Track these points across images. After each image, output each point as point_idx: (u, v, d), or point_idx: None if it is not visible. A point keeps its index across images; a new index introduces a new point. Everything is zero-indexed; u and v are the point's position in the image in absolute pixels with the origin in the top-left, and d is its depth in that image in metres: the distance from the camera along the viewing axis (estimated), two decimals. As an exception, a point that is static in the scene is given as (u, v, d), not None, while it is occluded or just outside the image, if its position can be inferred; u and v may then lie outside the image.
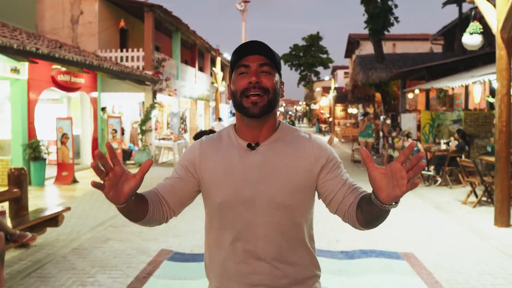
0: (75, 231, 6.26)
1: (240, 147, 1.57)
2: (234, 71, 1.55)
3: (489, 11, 6.77)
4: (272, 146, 1.57)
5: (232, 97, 1.56)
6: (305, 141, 1.60)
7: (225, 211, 1.55)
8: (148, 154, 14.16)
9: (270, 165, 1.53)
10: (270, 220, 1.52)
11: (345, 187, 1.55)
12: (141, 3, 15.71)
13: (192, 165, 1.62)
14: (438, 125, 13.35)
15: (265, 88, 1.50)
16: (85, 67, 10.97)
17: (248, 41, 1.56)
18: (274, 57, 1.54)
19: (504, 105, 6.57)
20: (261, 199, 1.51)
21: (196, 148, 1.65)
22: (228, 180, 1.54)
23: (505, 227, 6.53)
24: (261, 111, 1.50)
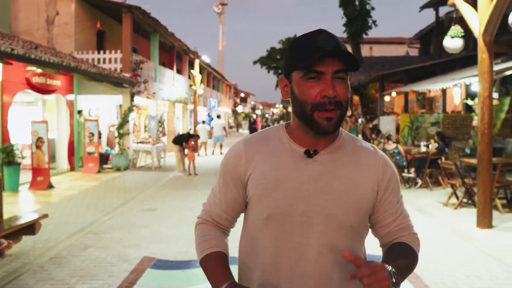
0: (52, 239, 6.03)
1: (295, 153, 1.35)
2: (301, 71, 1.28)
3: (470, 14, 6.82)
4: (333, 155, 1.35)
5: (297, 105, 1.31)
6: (369, 154, 1.39)
7: (271, 227, 1.34)
8: (126, 158, 13.90)
9: (331, 177, 1.32)
10: (326, 241, 1.30)
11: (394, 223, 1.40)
12: (119, 4, 15.46)
13: (238, 175, 1.40)
14: (416, 127, 13.48)
15: (339, 102, 1.26)
16: (61, 69, 10.68)
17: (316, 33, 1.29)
18: (352, 58, 1.26)
19: (486, 108, 6.61)
20: (318, 216, 1.30)
21: (241, 151, 1.40)
22: (279, 190, 1.32)
23: (488, 228, 6.57)
24: (335, 127, 1.28)
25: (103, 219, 7.26)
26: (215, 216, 1.46)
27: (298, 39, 1.31)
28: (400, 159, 10.68)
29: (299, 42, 1.30)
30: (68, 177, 11.94)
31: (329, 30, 1.31)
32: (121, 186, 10.80)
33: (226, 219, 1.45)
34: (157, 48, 18.58)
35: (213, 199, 1.47)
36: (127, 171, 13.54)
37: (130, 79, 14.58)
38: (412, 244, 1.40)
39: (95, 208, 8.12)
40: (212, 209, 1.46)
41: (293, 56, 1.30)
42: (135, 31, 16.84)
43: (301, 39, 1.30)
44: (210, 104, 33.57)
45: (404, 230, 1.42)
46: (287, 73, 1.34)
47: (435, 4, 17.04)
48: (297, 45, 1.30)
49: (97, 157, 13.02)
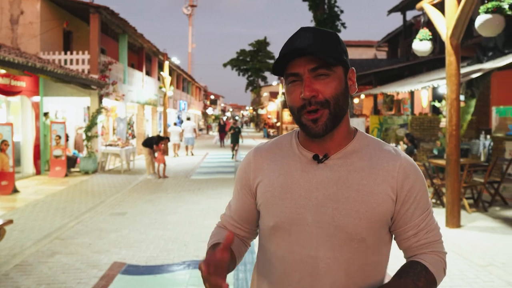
0: (17, 246, 5.82)
1: (304, 158, 1.27)
2: (284, 78, 1.25)
3: (438, 18, 6.96)
4: (345, 160, 1.24)
5: (289, 110, 1.26)
6: (389, 157, 1.25)
7: (278, 237, 1.25)
8: (94, 161, 13.61)
9: (342, 184, 1.21)
10: (337, 256, 1.19)
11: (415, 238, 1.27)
12: (87, 4, 15.15)
13: (247, 184, 1.36)
14: (385, 129, 13.69)
15: (323, 101, 1.18)
16: (27, 70, 10.37)
17: (294, 34, 1.22)
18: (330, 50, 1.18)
19: (454, 110, 6.75)
20: (327, 227, 1.19)
21: (250, 160, 1.37)
22: (286, 198, 1.23)
23: (456, 227, 6.70)
24: (324, 129, 1.19)
25: (71, 224, 7.06)
26: (227, 224, 1.46)
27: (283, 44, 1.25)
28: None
29: (282, 48, 1.24)
30: (34, 181, 11.60)
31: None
32: (90, 190, 10.55)
33: (238, 228, 1.43)
34: (126, 49, 18.30)
35: (228, 209, 1.48)
36: (96, 175, 13.26)
37: (98, 81, 14.30)
38: (429, 264, 1.25)
39: (63, 213, 7.90)
40: (225, 218, 1.47)
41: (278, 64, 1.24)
42: (103, 32, 16.55)
43: (284, 44, 1.24)
44: (180, 106, 33.30)
45: (427, 247, 1.28)
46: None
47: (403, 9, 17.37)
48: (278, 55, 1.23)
49: (65, 161, 12.70)
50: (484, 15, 6.09)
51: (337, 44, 1.21)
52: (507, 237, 6.19)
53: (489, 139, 10.93)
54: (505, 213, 7.64)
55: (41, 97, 13.11)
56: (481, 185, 7.98)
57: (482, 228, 6.71)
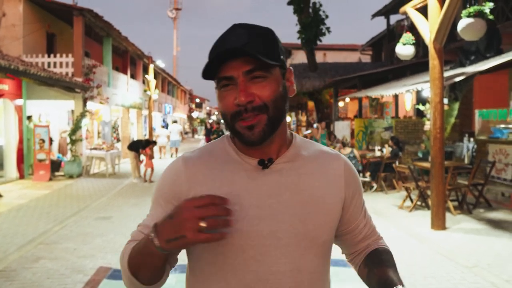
0: (1, 251, 5.73)
1: (247, 165, 1.13)
2: (216, 82, 1.10)
3: (421, 23, 7.04)
4: (292, 163, 1.16)
5: (222, 118, 1.13)
6: (333, 159, 1.22)
7: (228, 256, 1.09)
8: (79, 165, 13.47)
9: (295, 189, 1.12)
10: (299, 265, 1.10)
11: (366, 227, 1.30)
12: (70, 6, 15.02)
13: (176, 195, 1.13)
14: (370, 132, 13.79)
15: (261, 106, 1.06)
16: (9, 72, 10.23)
17: (227, 32, 1.09)
18: (267, 49, 1.07)
19: (438, 113, 6.83)
20: (287, 236, 1.09)
21: (180, 170, 1.15)
22: (234, 210, 1.06)
23: (441, 229, 6.77)
24: (261, 136, 1.07)
25: (56, 229, 6.97)
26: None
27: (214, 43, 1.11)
28: (356, 163, 10.87)
29: (212, 47, 1.10)
30: (17, 185, 11.43)
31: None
32: (74, 194, 10.43)
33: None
34: (110, 52, 18.19)
35: (144, 230, 1.15)
36: (80, 179, 13.12)
37: (82, 84, 14.17)
38: (386, 246, 1.33)
39: (47, 217, 7.80)
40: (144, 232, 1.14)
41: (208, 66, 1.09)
42: (87, 35, 16.41)
43: (214, 43, 1.11)
44: (165, 110, 33.17)
45: (374, 234, 1.33)
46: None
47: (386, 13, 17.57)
48: (210, 51, 1.11)
49: (49, 164, 12.55)
50: (466, 19, 6.20)
51: (274, 43, 1.10)
52: (491, 239, 6.27)
53: (472, 141, 11.07)
54: (489, 215, 7.74)
55: (24, 100, 12.96)
56: (465, 187, 8.08)
57: (467, 230, 6.79)
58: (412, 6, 7.33)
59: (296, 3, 19.95)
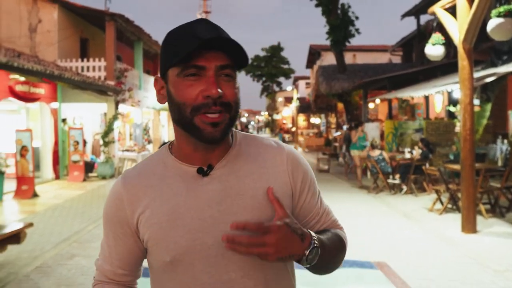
0: (38, 248, 5.97)
1: (186, 175, 1.10)
2: (177, 68, 1.04)
3: (450, 23, 6.96)
4: (232, 166, 1.11)
5: (174, 109, 1.07)
6: (274, 152, 1.16)
7: (179, 272, 1.08)
8: (111, 166, 13.81)
9: (235, 194, 1.08)
10: (250, 273, 1.08)
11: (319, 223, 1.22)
12: (102, 12, 15.42)
13: (123, 222, 1.13)
14: (401, 134, 13.64)
15: (227, 103, 1.04)
16: (45, 77, 10.61)
17: (194, 22, 1.07)
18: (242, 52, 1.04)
19: (468, 114, 6.73)
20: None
21: (121, 193, 1.14)
22: (177, 226, 1.06)
23: (472, 233, 6.67)
24: (222, 134, 1.05)
25: (89, 228, 7.20)
26: (110, 274, 1.19)
27: (173, 30, 1.08)
28: (385, 165, 10.80)
29: (175, 34, 1.07)
30: (53, 185, 11.82)
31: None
32: (107, 194, 10.69)
33: (123, 274, 1.19)
34: (141, 56, 18.56)
35: (103, 255, 1.21)
36: (113, 179, 13.45)
37: (114, 87, 14.53)
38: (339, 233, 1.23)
39: (81, 217, 8.05)
40: (105, 267, 1.20)
41: (169, 49, 1.06)
42: (118, 39, 16.80)
43: (177, 30, 1.07)
44: (195, 112, 33.55)
45: (331, 227, 1.24)
46: (163, 73, 1.10)
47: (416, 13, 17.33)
48: (173, 37, 1.07)
49: (82, 166, 12.92)
50: (496, 19, 6.08)
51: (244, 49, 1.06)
52: (523, 242, 6.15)
53: (506, 143, 10.83)
54: (522, 218, 7.57)
55: (59, 103, 13.39)
56: (498, 190, 7.93)
57: (499, 233, 6.66)
58: (441, 6, 7.24)
59: (325, 5, 19.91)
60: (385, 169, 10.75)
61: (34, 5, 15.24)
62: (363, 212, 8.58)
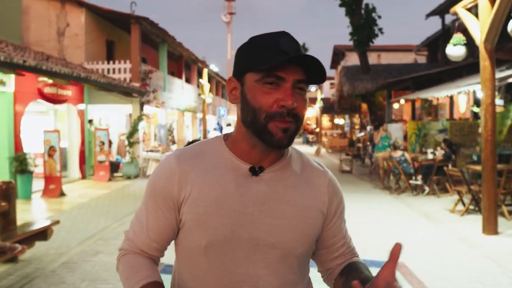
0: (64, 245, 6.19)
1: (238, 170, 1.17)
2: (258, 74, 1.11)
3: (472, 23, 6.91)
4: (280, 174, 1.20)
5: (248, 111, 1.14)
6: (319, 174, 1.26)
7: (211, 258, 1.15)
8: (136, 166, 14.09)
9: (279, 199, 1.16)
10: (275, 272, 1.16)
11: (344, 246, 1.31)
12: (128, 15, 15.73)
13: (169, 196, 1.17)
14: (424, 134, 13.52)
15: (297, 115, 1.12)
16: (72, 79, 10.93)
17: (278, 35, 1.13)
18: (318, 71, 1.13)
19: (489, 115, 6.68)
20: (264, 244, 1.14)
21: (174, 168, 1.18)
22: (220, 214, 1.13)
23: (493, 235, 6.61)
24: (289, 141, 1.13)
25: (114, 226, 7.41)
26: (142, 246, 1.23)
27: (257, 38, 1.16)
28: (407, 166, 10.74)
29: (258, 42, 1.14)
30: (79, 185, 12.15)
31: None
32: (132, 194, 10.97)
33: (156, 248, 1.24)
34: (165, 57, 18.85)
35: (138, 227, 1.23)
36: (137, 179, 13.72)
37: (139, 89, 14.81)
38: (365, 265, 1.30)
39: (106, 215, 8.29)
40: (138, 238, 1.23)
41: (251, 55, 1.13)
42: (143, 41, 17.12)
43: (262, 39, 1.14)
44: (219, 113, 33.78)
45: (352, 253, 1.34)
46: (240, 75, 1.16)
47: (441, 12, 17.11)
48: (256, 45, 1.14)
49: (108, 166, 13.22)
50: (517, 19, 6.03)
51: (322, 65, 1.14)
52: (545, 244, 6.07)
53: (532, 144, 10.62)
54: (546, 220, 7.45)
55: (86, 105, 13.74)
56: (521, 192, 7.82)
57: (520, 235, 6.60)
58: (463, 6, 7.20)
59: (348, 5, 19.85)
60: (407, 170, 10.69)
61: (62, 9, 15.67)
62: (384, 212, 8.58)
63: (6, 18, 13.23)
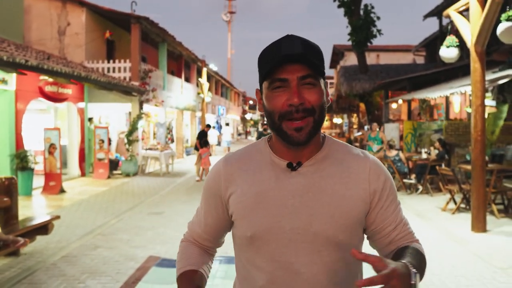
0: (64, 240, 6.38)
1: (277, 166, 1.28)
2: (267, 82, 1.22)
3: (464, 26, 7.09)
4: (318, 166, 1.27)
5: (267, 117, 1.25)
6: (359, 161, 1.30)
7: (257, 246, 1.26)
8: (135, 164, 14.26)
9: (316, 190, 1.24)
10: (316, 259, 1.23)
11: (396, 231, 1.32)
12: (128, 14, 15.90)
13: (217, 194, 1.34)
14: (419, 134, 13.69)
15: (310, 109, 1.19)
16: (73, 78, 11.10)
17: (281, 40, 1.22)
18: (319, 61, 1.21)
19: (479, 115, 6.86)
20: (305, 233, 1.22)
21: (220, 170, 1.35)
22: (262, 207, 1.24)
23: (482, 232, 6.78)
24: (307, 137, 1.21)
25: (112, 222, 7.59)
26: (196, 236, 1.44)
27: (266, 47, 1.24)
28: (402, 165, 10.92)
29: (266, 51, 1.23)
30: (79, 182, 12.33)
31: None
32: (130, 191, 11.15)
33: (207, 239, 1.43)
34: (165, 57, 19.01)
35: (196, 219, 1.45)
36: (136, 177, 13.90)
37: (139, 88, 14.98)
38: (418, 247, 1.32)
39: (105, 211, 8.47)
40: (195, 229, 1.44)
41: (261, 65, 1.24)
42: (143, 40, 17.27)
43: (268, 47, 1.24)
44: (219, 112, 33.96)
45: (407, 238, 1.34)
46: (260, 86, 1.28)
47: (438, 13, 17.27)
48: (264, 54, 1.24)
49: (107, 163, 13.39)
50: (505, 23, 6.19)
51: (322, 57, 1.24)
52: (531, 242, 6.24)
53: (525, 145, 10.78)
54: (534, 218, 7.63)
55: (86, 103, 13.91)
56: (511, 191, 7.99)
57: (508, 233, 6.76)
58: (455, 9, 7.38)
59: (347, 6, 19.99)
60: (401, 169, 10.87)
61: (63, 9, 15.84)
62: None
63: (8, 18, 13.40)
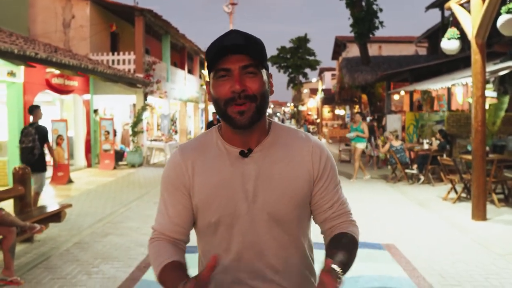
0: (75, 227, 6.57)
1: (231, 155, 1.38)
2: (213, 72, 1.33)
3: (465, 18, 7.21)
4: (267, 152, 1.39)
5: (214, 104, 1.35)
6: (302, 144, 1.43)
7: (221, 231, 1.38)
8: (140, 155, 14.44)
9: (267, 175, 1.36)
10: (274, 235, 1.37)
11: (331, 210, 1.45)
12: (132, 7, 16.01)
13: (182, 186, 1.41)
14: (421, 125, 13.82)
15: (251, 96, 1.29)
16: (80, 71, 11.26)
17: (225, 34, 1.33)
18: (260, 52, 1.32)
19: (480, 106, 7.01)
20: (261, 214, 1.36)
21: (180, 162, 1.41)
22: (222, 194, 1.36)
23: (482, 220, 6.95)
24: (250, 121, 1.31)
25: (121, 211, 7.79)
26: (168, 231, 1.42)
27: (212, 42, 1.34)
28: (404, 155, 11.07)
29: (211, 45, 1.33)
30: (85, 173, 12.52)
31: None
32: (136, 181, 11.33)
33: (180, 232, 1.42)
34: (168, 49, 19.12)
35: (161, 217, 1.45)
36: (141, 168, 14.08)
37: (143, 80, 15.12)
38: (352, 232, 1.44)
39: (113, 201, 8.66)
40: (163, 226, 1.43)
41: (207, 58, 1.33)
42: (147, 33, 17.38)
43: (214, 41, 1.33)
44: (221, 103, 33.98)
45: (342, 217, 1.45)
46: (208, 77, 1.38)
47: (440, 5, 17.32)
48: (210, 48, 1.33)
49: (113, 154, 13.57)
50: (505, 15, 6.30)
51: (264, 49, 1.35)
52: (530, 229, 6.39)
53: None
54: (533, 207, 7.78)
55: (91, 95, 14.07)
56: (511, 181, 8.14)
57: (507, 221, 6.91)
58: (456, 1, 7.48)
59: (349, -3, 20.04)
60: (403, 159, 11.02)
61: (68, 1, 15.95)
62: (379, 200, 8.93)
63: (13, 11, 13.55)
